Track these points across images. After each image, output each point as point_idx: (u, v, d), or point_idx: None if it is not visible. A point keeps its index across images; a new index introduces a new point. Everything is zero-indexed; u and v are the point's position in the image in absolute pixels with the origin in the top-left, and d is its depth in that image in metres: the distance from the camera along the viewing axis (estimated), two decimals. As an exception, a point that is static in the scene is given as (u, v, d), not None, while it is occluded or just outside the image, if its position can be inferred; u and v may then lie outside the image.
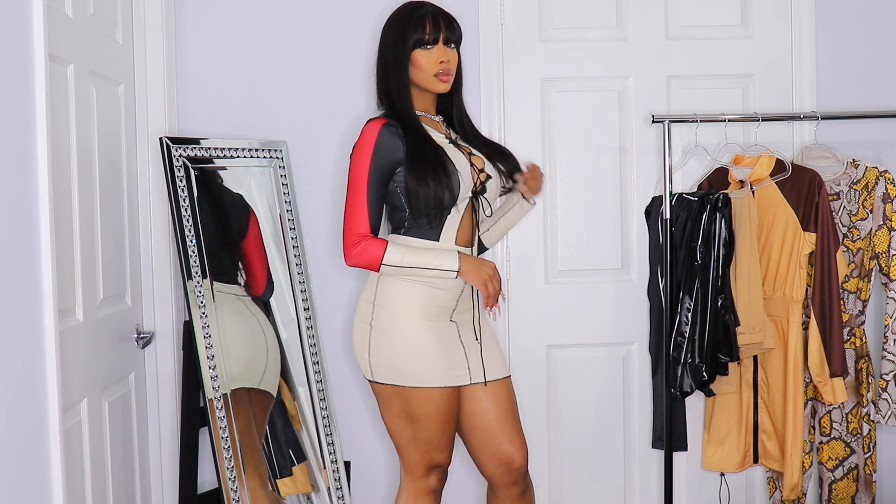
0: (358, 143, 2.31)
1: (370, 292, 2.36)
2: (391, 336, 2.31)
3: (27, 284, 1.72)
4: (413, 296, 2.32)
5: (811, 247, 2.79)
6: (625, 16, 3.05)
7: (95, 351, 2.33)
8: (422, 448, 2.35)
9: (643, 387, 3.08)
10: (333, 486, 2.83)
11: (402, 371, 2.31)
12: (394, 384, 2.32)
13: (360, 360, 2.38)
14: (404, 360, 2.30)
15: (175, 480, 2.78)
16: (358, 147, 2.31)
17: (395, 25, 2.36)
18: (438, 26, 2.33)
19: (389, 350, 2.31)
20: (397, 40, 2.34)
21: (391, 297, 2.32)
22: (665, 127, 2.80)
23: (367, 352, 2.34)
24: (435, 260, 2.29)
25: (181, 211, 2.60)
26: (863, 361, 2.91)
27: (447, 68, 2.35)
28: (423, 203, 2.27)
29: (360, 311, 2.38)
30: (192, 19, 2.91)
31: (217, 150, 2.74)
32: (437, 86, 2.36)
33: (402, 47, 2.33)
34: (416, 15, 2.34)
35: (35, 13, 1.75)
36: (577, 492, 3.09)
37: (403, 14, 2.37)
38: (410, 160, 2.27)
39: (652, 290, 2.94)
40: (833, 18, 3.05)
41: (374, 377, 2.35)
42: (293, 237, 2.86)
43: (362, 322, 2.36)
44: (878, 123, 3.03)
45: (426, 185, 2.26)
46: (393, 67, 2.35)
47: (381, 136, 2.28)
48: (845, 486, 2.95)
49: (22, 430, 1.70)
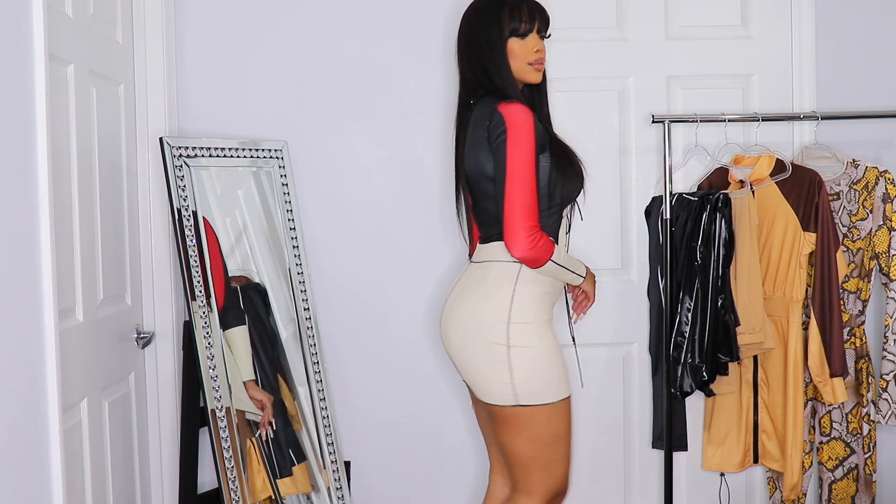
0: (513, 125, 2.17)
1: (502, 313, 2.19)
2: (536, 352, 2.19)
3: (27, 284, 1.72)
4: (542, 305, 2.24)
5: (811, 247, 2.79)
6: (625, 16, 3.05)
7: (95, 351, 2.33)
8: (561, 468, 2.25)
9: (643, 387, 3.09)
10: (333, 486, 2.83)
11: (550, 385, 2.19)
12: (544, 403, 2.18)
13: (494, 389, 2.19)
14: (552, 373, 2.20)
15: (175, 480, 2.78)
16: (517, 130, 2.16)
17: (488, 12, 2.30)
18: (534, 16, 2.31)
19: (537, 366, 2.19)
20: (491, 27, 2.28)
21: (524, 313, 2.20)
22: (665, 127, 2.80)
23: (508, 376, 2.17)
24: (573, 263, 2.29)
25: (181, 211, 2.60)
26: (863, 361, 2.91)
27: (541, 58, 2.32)
28: (560, 196, 2.25)
29: (490, 335, 2.19)
30: (192, 19, 2.91)
31: (217, 149, 2.74)
32: (531, 75, 2.32)
33: (497, 35, 2.28)
34: (511, 2, 2.30)
35: (35, 13, 1.75)
36: (577, 492, 3.09)
37: (495, 1, 2.32)
38: (552, 150, 2.24)
39: (652, 290, 2.95)
40: (833, 18, 3.05)
41: (519, 401, 2.17)
42: (293, 237, 2.86)
43: (496, 346, 2.18)
44: (878, 123, 3.03)
45: (568, 176, 2.24)
46: (489, 55, 2.28)
47: (535, 120, 2.20)
48: (845, 486, 2.95)
49: (22, 430, 1.70)
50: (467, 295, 2.28)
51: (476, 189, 2.31)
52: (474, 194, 2.33)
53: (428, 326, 3.02)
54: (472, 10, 2.36)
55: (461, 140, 2.34)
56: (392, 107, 2.98)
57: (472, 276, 2.31)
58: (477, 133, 2.27)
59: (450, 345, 2.31)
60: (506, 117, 2.19)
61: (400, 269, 3.01)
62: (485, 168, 2.24)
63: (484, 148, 2.24)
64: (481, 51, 2.30)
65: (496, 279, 2.25)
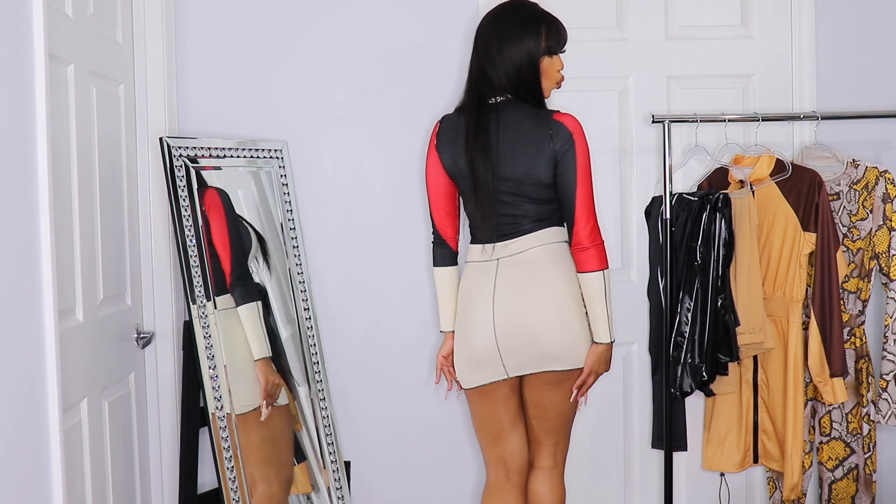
0: (579, 136, 2.33)
1: (575, 286, 2.37)
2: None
3: (27, 284, 1.72)
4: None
5: (811, 247, 2.79)
6: (625, 16, 3.05)
7: (95, 351, 2.33)
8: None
9: (643, 387, 3.09)
10: (333, 486, 2.83)
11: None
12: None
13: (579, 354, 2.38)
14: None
15: (175, 480, 2.78)
16: (583, 141, 2.34)
17: (527, 23, 2.36)
18: (564, 36, 2.41)
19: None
20: (528, 39, 2.35)
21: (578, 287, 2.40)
22: (665, 127, 2.80)
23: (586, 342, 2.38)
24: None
25: (181, 211, 2.60)
26: (863, 361, 2.91)
27: (562, 78, 2.43)
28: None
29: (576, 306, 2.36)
30: (192, 19, 2.91)
31: (217, 149, 2.74)
32: (549, 92, 2.43)
33: (535, 48, 2.35)
34: (548, 19, 2.38)
35: (35, 13, 1.75)
36: (577, 492, 3.09)
37: (533, 15, 2.38)
38: None
39: (652, 290, 2.94)
40: (833, 18, 3.05)
41: (580, 363, 2.39)
42: (293, 237, 2.87)
43: (581, 315, 2.37)
44: (878, 123, 3.03)
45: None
46: (528, 66, 2.35)
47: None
48: (845, 486, 2.95)
49: (22, 430, 1.70)
50: (535, 279, 2.36)
51: (517, 191, 2.36)
52: (510, 196, 2.36)
53: (428, 326, 3.02)
54: (505, 16, 2.39)
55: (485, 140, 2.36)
56: (392, 107, 2.98)
57: (526, 262, 2.37)
58: (529, 140, 2.33)
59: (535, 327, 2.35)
60: (570, 127, 2.33)
61: (400, 268, 3.01)
62: (542, 175, 2.33)
63: (545, 156, 2.32)
64: (515, 58, 2.34)
65: (558, 258, 2.38)
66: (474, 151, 2.36)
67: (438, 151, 2.44)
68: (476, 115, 2.37)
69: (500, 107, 2.37)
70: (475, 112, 2.37)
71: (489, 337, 2.37)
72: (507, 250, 2.38)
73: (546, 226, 2.38)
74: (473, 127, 2.36)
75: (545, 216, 2.38)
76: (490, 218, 2.38)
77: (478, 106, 2.38)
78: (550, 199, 2.36)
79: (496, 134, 2.35)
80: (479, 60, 2.40)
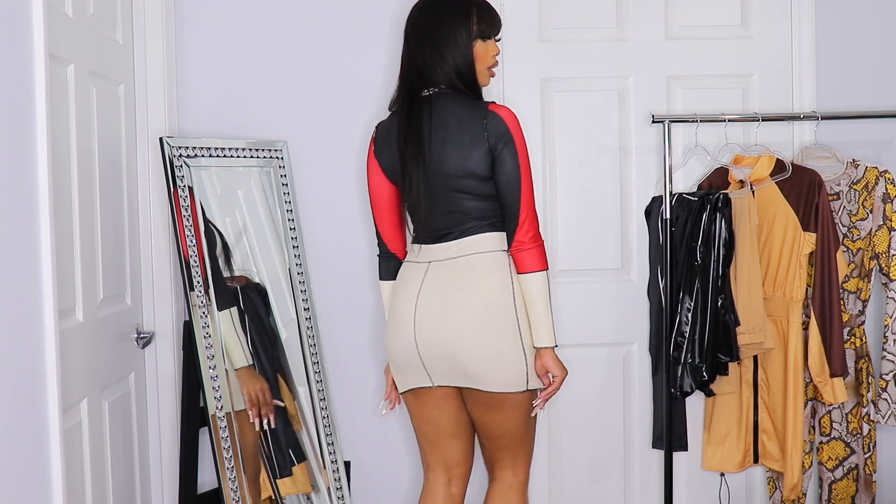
0: (515, 128, 2.22)
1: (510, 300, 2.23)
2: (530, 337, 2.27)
3: (27, 284, 1.72)
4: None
5: (811, 247, 2.79)
6: (625, 16, 3.05)
7: (95, 351, 2.33)
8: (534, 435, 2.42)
9: (643, 387, 3.08)
10: (333, 486, 2.83)
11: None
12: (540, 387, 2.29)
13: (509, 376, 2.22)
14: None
15: (175, 480, 2.78)
16: (520, 133, 2.23)
17: (456, 7, 2.27)
18: (496, 20, 2.32)
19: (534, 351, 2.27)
20: (458, 24, 2.25)
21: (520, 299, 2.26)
22: (665, 127, 2.80)
23: (523, 362, 2.23)
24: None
25: (181, 211, 2.60)
26: (863, 361, 2.91)
27: (497, 63, 2.35)
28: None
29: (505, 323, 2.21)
30: (192, 19, 2.91)
31: (217, 149, 2.74)
32: (486, 79, 2.33)
33: (465, 34, 2.25)
34: (479, 3, 2.29)
35: (35, 13, 1.75)
36: (577, 492, 3.09)
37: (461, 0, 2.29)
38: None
39: (652, 290, 2.95)
40: (833, 18, 3.05)
41: (529, 385, 2.25)
42: (293, 237, 2.86)
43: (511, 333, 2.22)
44: (878, 123, 3.03)
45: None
46: (458, 52, 2.25)
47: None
48: (845, 486, 2.95)
49: (22, 430, 1.70)
50: (461, 287, 2.22)
51: (453, 186, 2.23)
52: (446, 191, 2.24)
53: (428, 326, 3.01)
54: (435, 2, 2.30)
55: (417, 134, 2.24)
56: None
57: (457, 269, 2.24)
58: (462, 131, 2.22)
59: (451, 341, 2.22)
60: (506, 120, 2.21)
61: (400, 269, 3.01)
62: (477, 167, 2.21)
63: (480, 148, 2.20)
64: (448, 46, 2.25)
65: (493, 267, 2.24)
66: (405, 146, 2.24)
67: (377, 158, 2.35)
68: (408, 109, 2.26)
69: (433, 98, 2.25)
70: (407, 106, 2.26)
71: (409, 342, 2.27)
72: (442, 254, 2.26)
73: (490, 229, 2.25)
74: (405, 122, 2.25)
75: (489, 213, 2.25)
76: (422, 216, 2.27)
77: (409, 99, 2.27)
78: (491, 194, 2.24)
79: (428, 127, 2.23)
80: (410, 51, 2.29)
